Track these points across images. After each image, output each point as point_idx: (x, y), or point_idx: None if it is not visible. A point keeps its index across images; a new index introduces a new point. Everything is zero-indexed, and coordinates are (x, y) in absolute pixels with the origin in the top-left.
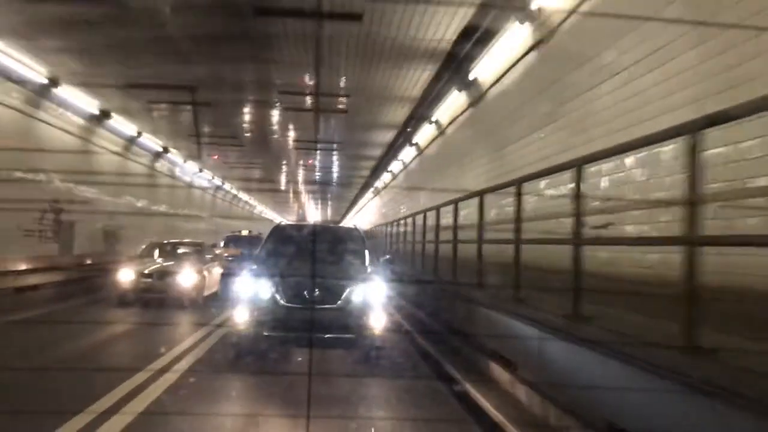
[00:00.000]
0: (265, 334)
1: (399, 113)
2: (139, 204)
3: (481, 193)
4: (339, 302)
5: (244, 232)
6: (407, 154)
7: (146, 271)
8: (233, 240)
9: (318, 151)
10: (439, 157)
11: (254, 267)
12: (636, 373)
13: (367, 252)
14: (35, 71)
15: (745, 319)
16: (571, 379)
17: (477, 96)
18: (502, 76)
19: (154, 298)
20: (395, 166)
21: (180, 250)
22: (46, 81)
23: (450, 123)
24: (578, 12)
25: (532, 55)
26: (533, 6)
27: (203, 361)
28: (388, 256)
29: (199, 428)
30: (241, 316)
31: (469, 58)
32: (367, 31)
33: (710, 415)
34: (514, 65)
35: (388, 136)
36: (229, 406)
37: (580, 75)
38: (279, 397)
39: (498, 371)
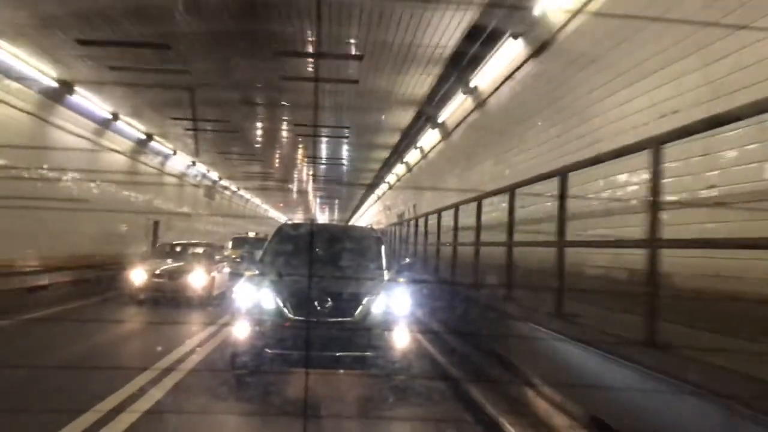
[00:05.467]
0: (269, 351)
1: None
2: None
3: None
4: (356, 315)
5: (251, 234)
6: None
7: (157, 271)
8: (240, 242)
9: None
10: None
11: (256, 273)
12: None
13: (384, 255)
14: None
15: None
16: None
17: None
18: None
19: (165, 297)
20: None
21: (190, 251)
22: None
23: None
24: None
25: None
26: None
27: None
28: (408, 260)
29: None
30: (240, 331)
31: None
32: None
33: None
34: None
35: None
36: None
37: None
38: None
39: None
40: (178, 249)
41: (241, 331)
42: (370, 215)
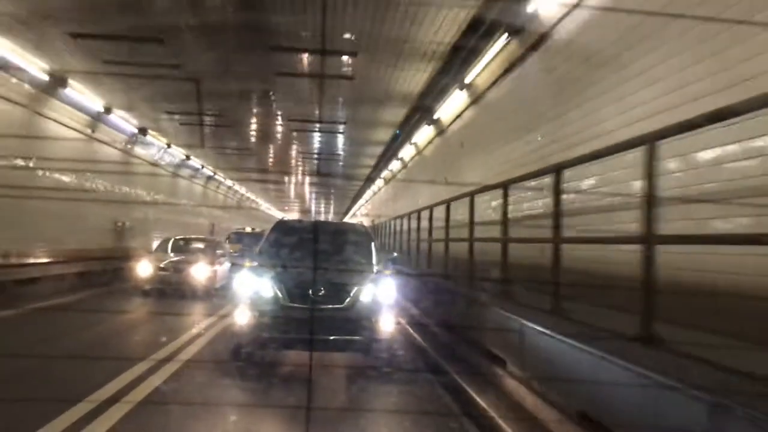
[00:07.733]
0: (266, 335)
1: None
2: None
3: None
4: (345, 302)
5: (248, 229)
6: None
7: (162, 264)
8: (238, 236)
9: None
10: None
11: (255, 264)
12: None
13: (374, 250)
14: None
15: None
16: None
17: None
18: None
19: (170, 289)
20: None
21: (193, 245)
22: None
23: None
24: None
25: None
26: None
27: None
28: (395, 254)
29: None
30: (240, 316)
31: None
32: None
33: None
34: None
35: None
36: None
37: None
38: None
39: None
40: (181, 243)
41: (241, 316)
42: (358, 217)
